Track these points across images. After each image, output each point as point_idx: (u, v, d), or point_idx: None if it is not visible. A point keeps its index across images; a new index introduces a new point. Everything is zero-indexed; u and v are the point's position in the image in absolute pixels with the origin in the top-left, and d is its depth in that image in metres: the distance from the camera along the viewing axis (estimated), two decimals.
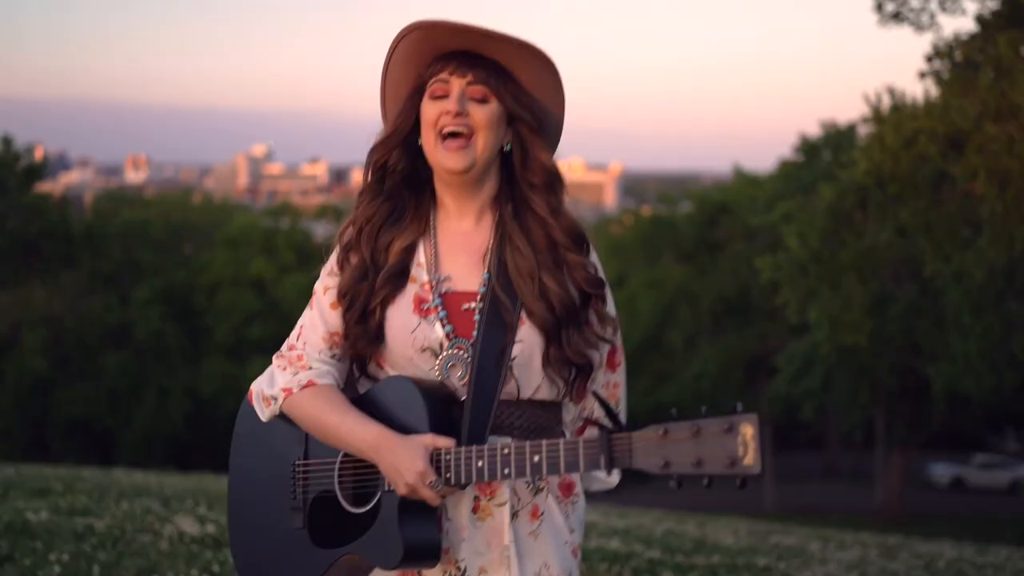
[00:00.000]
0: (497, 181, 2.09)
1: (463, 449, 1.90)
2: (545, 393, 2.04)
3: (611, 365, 2.13)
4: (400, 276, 2.04)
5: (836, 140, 27.52)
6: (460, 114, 2.01)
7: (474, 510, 1.99)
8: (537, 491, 2.04)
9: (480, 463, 1.88)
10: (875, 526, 20.78)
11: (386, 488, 1.96)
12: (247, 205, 58.80)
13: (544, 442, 1.83)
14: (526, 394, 2.02)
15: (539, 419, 2.04)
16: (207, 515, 6.28)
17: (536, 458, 1.83)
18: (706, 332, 29.28)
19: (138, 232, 32.94)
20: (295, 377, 2.07)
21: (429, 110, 2.04)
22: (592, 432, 2.08)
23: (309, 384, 2.06)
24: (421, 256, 2.06)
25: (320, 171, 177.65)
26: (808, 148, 28.61)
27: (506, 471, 1.86)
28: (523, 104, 2.05)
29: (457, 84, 2.03)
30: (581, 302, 2.04)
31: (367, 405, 2.03)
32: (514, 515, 2.00)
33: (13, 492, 6.64)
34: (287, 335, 2.18)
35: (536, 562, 2.01)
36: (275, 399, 2.09)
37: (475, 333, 2.00)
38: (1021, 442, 35.83)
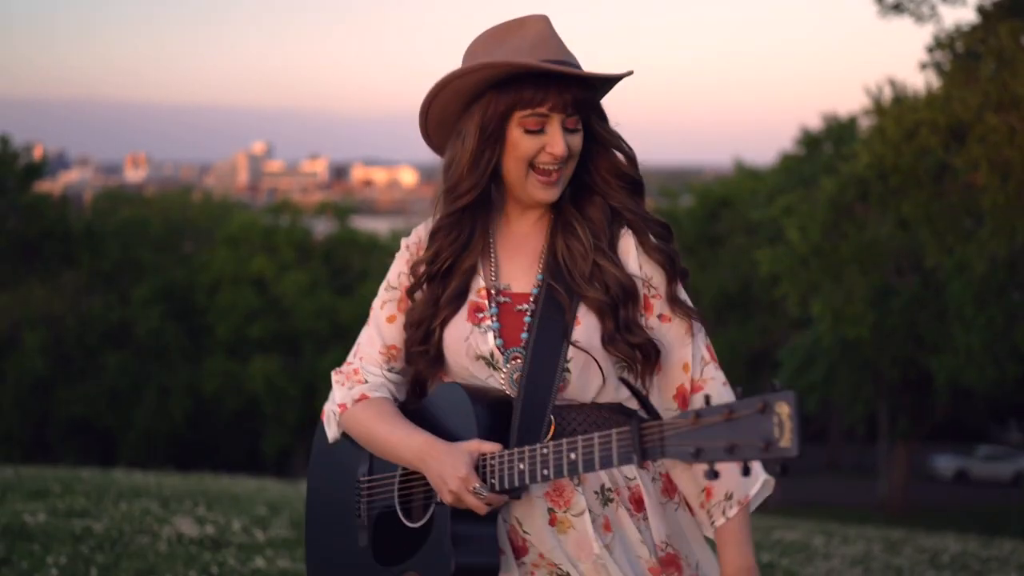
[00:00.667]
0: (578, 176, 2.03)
1: (506, 452, 1.84)
2: (610, 395, 1.96)
3: (689, 332, 2.02)
4: (460, 296, 1.99)
5: (837, 133, 27.46)
6: (566, 157, 1.94)
7: (551, 523, 1.91)
8: (607, 502, 1.94)
9: (521, 465, 1.81)
10: (879, 520, 20.75)
11: (438, 500, 1.90)
12: (247, 203, 58.78)
13: (580, 438, 1.76)
14: (588, 396, 1.95)
15: (603, 421, 1.94)
16: (206, 516, 6.23)
17: (573, 456, 1.76)
18: (708, 326, 29.20)
19: (137, 231, 32.93)
20: (350, 392, 2.06)
21: (526, 145, 1.93)
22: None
23: (362, 398, 2.03)
24: (479, 264, 2.02)
25: (320, 168, 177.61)
26: (809, 141, 28.55)
27: (545, 472, 1.79)
28: (599, 112, 2.00)
29: (556, 119, 1.93)
30: (667, 278, 2.00)
31: (421, 415, 1.99)
32: (595, 524, 1.92)
33: (11, 494, 6.59)
34: (288, 332, 2.13)
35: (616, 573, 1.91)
36: (334, 414, 2.08)
37: (524, 336, 1.94)
38: None
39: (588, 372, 1.94)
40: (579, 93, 1.93)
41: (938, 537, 10.20)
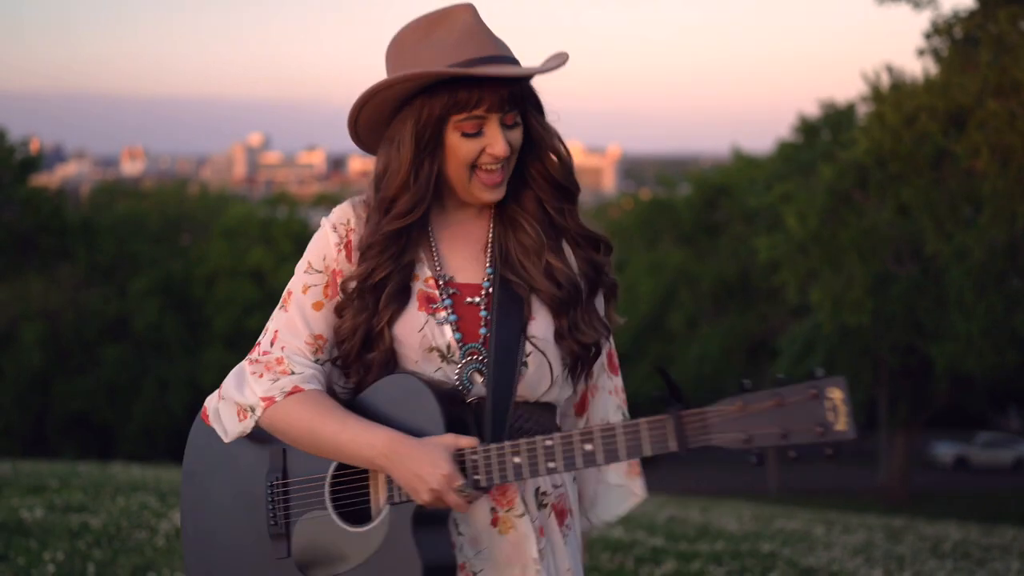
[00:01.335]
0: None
1: (495, 446, 1.74)
2: (554, 393, 1.92)
3: (612, 368, 2.03)
4: (402, 292, 1.87)
5: (835, 120, 27.41)
6: (508, 157, 1.86)
7: (493, 522, 1.85)
8: (541, 506, 1.91)
9: (517, 459, 1.72)
10: (879, 507, 20.77)
11: (396, 500, 1.78)
12: (244, 195, 58.71)
13: (597, 427, 1.69)
14: (536, 393, 1.89)
15: (546, 421, 1.91)
16: None
17: (588, 447, 1.69)
18: (707, 315, 29.24)
19: (134, 224, 32.88)
20: (276, 384, 1.85)
21: (465, 149, 1.85)
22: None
23: (295, 390, 1.84)
24: (420, 253, 1.91)
25: (317, 159, 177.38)
26: (807, 128, 28.49)
27: (551, 465, 1.71)
28: (537, 105, 1.91)
29: (494, 119, 1.85)
30: (588, 289, 1.93)
31: (366, 409, 1.83)
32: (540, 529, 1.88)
33: (8, 490, 6.57)
34: None
35: None
36: (252, 410, 1.85)
37: (483, 331, 1.87)
38: None
39: (542, 369, 1.89)
40: (515, 89, 1.86)
41: (939, 525, 10.20)
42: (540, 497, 1.90)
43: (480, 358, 1.86)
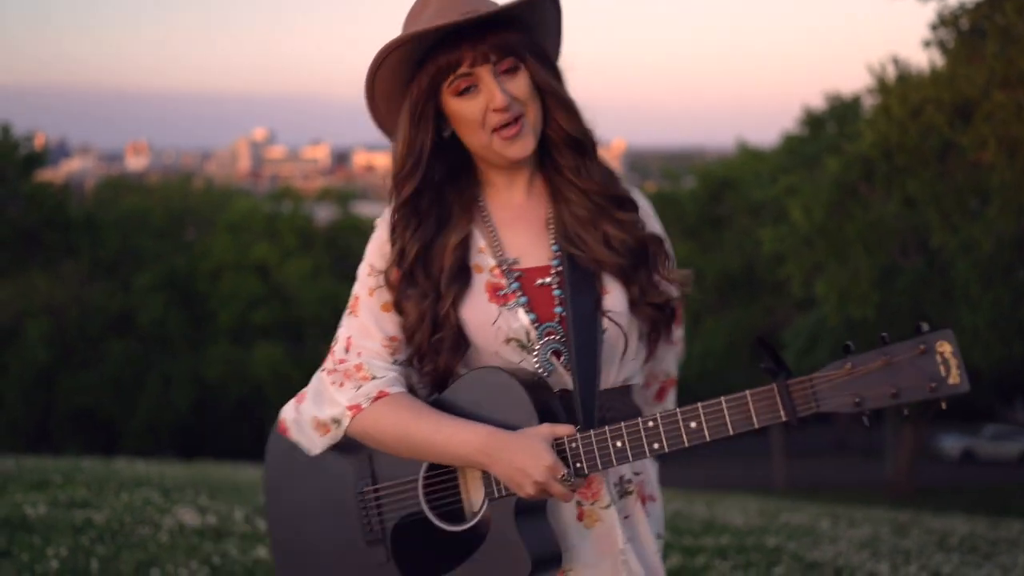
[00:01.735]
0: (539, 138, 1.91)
1: (594, 432, 1.71)
2: (628, 368, 1.89)
3: (677, 318, 1.98)
4: (461, 272, 1.84)
5: (841, 112, 27.33)
6: (509, 104, 1.80)
7: (579, 517, 1.82)
8: (624, 494, 1.89)
9: (619, 443, 1.69)
10: (886, 501, 20.73)
11: (496, 495, 1.75)
12: (249, 189, 58.70)
13: (701, 405, 1.67)
14: (616, 374, 1.87)
15: (631, 407, 1.90)
16: (208, 505, 6.19)
17: (693, 424, 1.66)
18: (712, 308, 29.19)
19: (138, 219, 32.88)
20: (360, 391, 1.82)
21: (467, 110, 1.82)
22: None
23: (381, 395, 1.81)
24: (480, 241, 1.87)
25: (322, 154, 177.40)
26: (812, 121, 28.42)
27: (655, 446, 1.68)
28: (540, 58, 1.85)
29: (485, 72, 1.80)
30: (645, 254, 1.89)
31: (450, 408, 1.80)
32: (626, 516, 1.86)
33: (12, 485, 6.55)
34: (291, 319, 1.98)
35: (639, 569, 1.86)
36: (338, 422, 1.83)
37: (558, 311, 1.83)
38: None
39: (617, 344, 1.86)
40: (499, 38, 1.80)
41: (946, 519, 10.16)
42: (624, 485, 1.88)
43: (558, 337, 1.82)
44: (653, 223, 1.95)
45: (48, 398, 28.94)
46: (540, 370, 1.82)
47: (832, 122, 27.55)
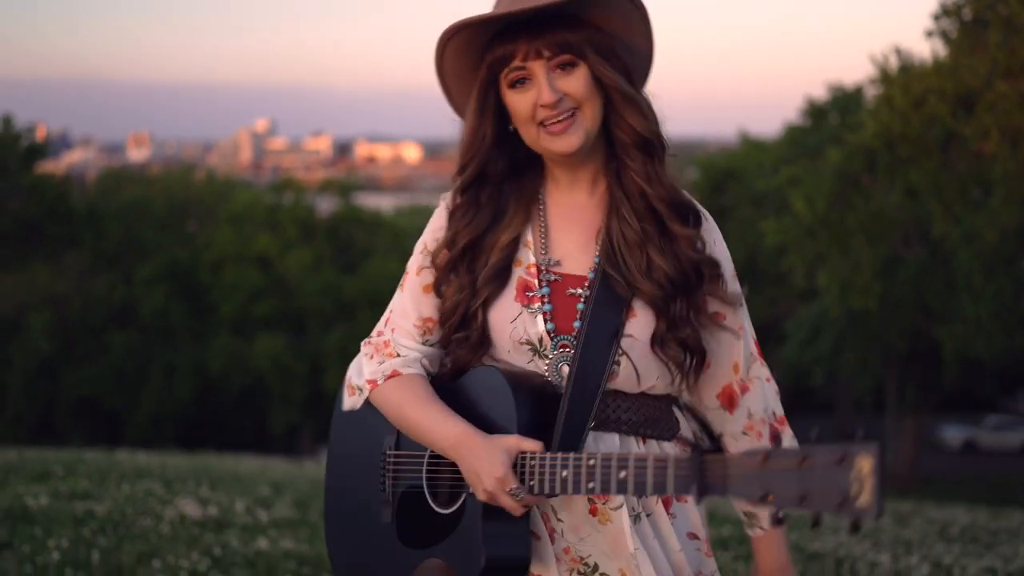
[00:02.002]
0: (606, 143, 1.88)
1: (549, 456, 1.72)
2: (661, 387, 1.86)
3: (742, 333, 1.94)
4: (505, 271, 1.85)
5: (843, 103, 27.26)
6: (558, 101, 1.79)
7: (591, 512, 1.82)
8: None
9: (564, 473, 1.70)
10: (887, 491, 20.70)
11: (471, 490, 1.79)
12: (250, 181, 58.65)
13: (632, 456, 1.65)
14: (639, 387, 1.84)
15: (651, 412, 1.86)
16: (209, 497, 6.19)
17: (623, 474, 1.66)
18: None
19: (140, 210, 32.87)
20: (380, 367, 1.91)
21: (518, 103, 1.82)
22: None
23: (394, 374, 1.89)
24: (528, 236, 1.88)
25: (323, 145, 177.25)
26: (814, 111, 28.35)
27: (591, 485, 1.69)
28: (605, 56, 1.82)
29: (538, 67, 1.80)
30: (695, 280, 1.84)
31: (457, 397, 1.86)
32: (636, 518, 1.83)
33: (14, 477, 6.57)
34: (292, 310, 2.00)
35: (663, 567, 1.84)
36: (360, 390, 1.94)
37: (576, 324, 1.82)
38: None
39: (639, 366, 1.83)
40: (557, 35, 1.79)
41: (947, 509, 10.16)
42: None
43: (570, 351, 1.82)
44: (714, 244, 1.90)
45: (51, 389, 28.98)
46: (549, 377, 1.83)
47: (834, 113, 27.49)
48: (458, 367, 1.88)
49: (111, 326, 29.82)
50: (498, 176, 1.88)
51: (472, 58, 1.86)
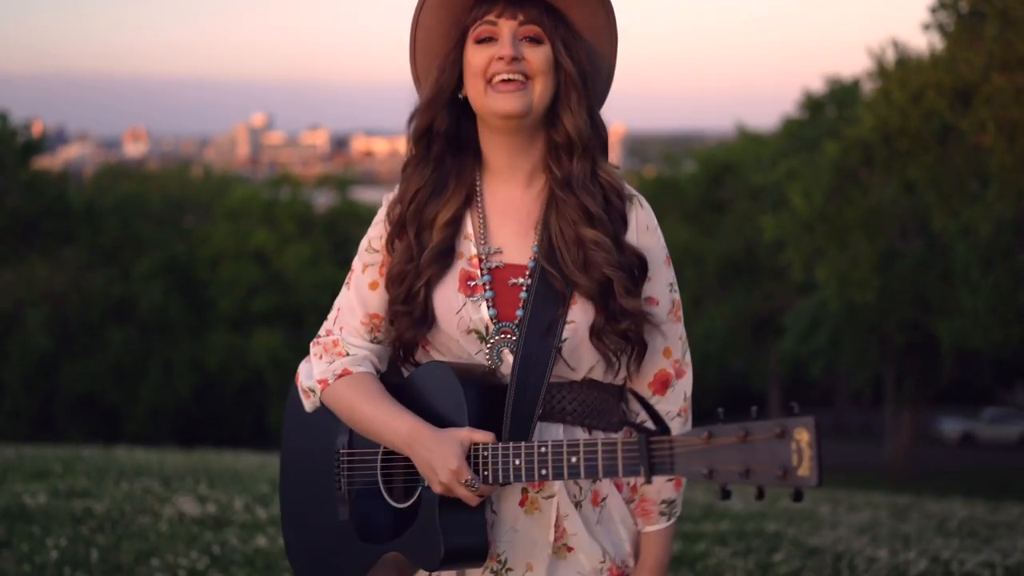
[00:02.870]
0: (547, 138, 1.91)
1: (501, 445, 1.76)
2: (600, 373, 1.89)
3: (676, 317, 1.96)
4: (447, 254, 1.89)
5: (840, 95, 27.27)
6: (516, 59, 1.83)
7: (521, 503, 1.86)
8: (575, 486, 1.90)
9: (517, 461, 1.74)
10: (885, 483, 20.77)
11: (425, 483, 1.83)
12: (247, 176, 58.58)
13: (582, 442, 1.69)
14: (580, 375, 1.88)
15: (595, 402, 1.90)
16: (208, 494, 6.19)
17: (574, 459, 1.70)
18: (712, 292, 29.18)
19: (137, 206, 32.82)
20: (330, 366, 1.94)
21: (476, 56, 1.85)
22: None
23: (344, 373, 1.93)
24: (468, 227, 1.91)
25: (321, 139, 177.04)
26: (812, 104, 28.35)
27: (543, 472, 1.73)
28: (571, 51, 1.87)
29: (507, 26, 1.85)
30: (637, 273, 1.88)
31: (407, 393, 1.89)
32: (577, 504, 1.87)
33: (12, 475, 6.56)
34: (290, 306, 2.02)
35: (597, 553, 1.88)
36: (313, 391, 1.96)
37: (519, 312, 1.86)
38: None
39: (580, 352, 1.87)
40: (535, 10, 1.85)
41: (945, 503, 10.17)
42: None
43: (512, 337, 1.85)
44: (646, 230, 1.94)
45: (50, 385, 28.96)
46: (489, 363, 1.86)
47: (832, 105, 27.49)
48: (401, 340, 1.91)
49: (109, 322, 29.79)
50: (445, 137, 1.90)
51: (448, 16, 1.89)
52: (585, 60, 1.89)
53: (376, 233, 1.96)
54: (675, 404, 1.95)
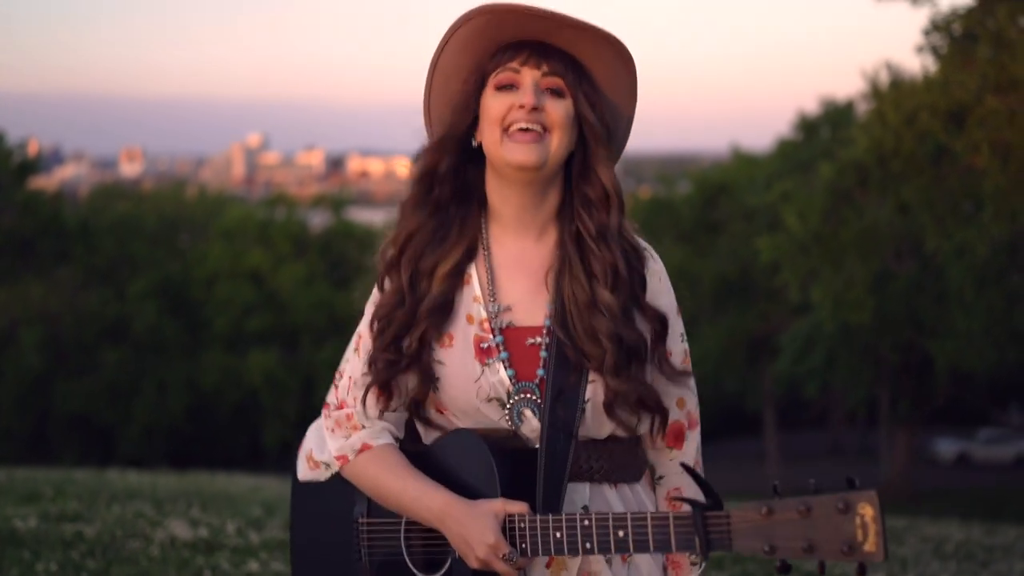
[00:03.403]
0: (561, 192, 1.86)
1: (540, 518, 1.71)
2: (623, 432, 1.85)
3: (687, 366, 1.94)
4: (446, 308, 1.83)
5: (835, 117, 27.39)
6: (536, 109, 1.79)
7: (548, 564, 1.81)
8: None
9: (558, 534, 1.70)
10: (881, 505, 20.69)
11: (456, 555, 1.78)
12: (243, 196, 58.62)
13: (630, 515, 1.66)
14: (603, 432, 1.83)
15: (620, 458, 1.86)
16: (200, 518, 6.15)
17: (621, 533, 1.66)
18: (707, 313, 29.18)
19: (132, 225, 32.82)
20: (348, 442, 1.88)
21: (495, 104, 1.81)
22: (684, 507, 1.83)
23: (364, 448, 1.87)
24: (476, 287, 1.84)
25: (316, 160, 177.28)
26: (806, 126, 28.46)
27: (587, 545, 1.68)
28: (594, 106, 1.84)
29: (530, 75, 1.81)
30: (652, 337, 1.84)
31: (431, 462, 1.83)
32: (608, 562, 1.82)
33: (2, 498, 6.52)
34: (285, 326, 1.96)
35: None
36: (328, 465, 1.91)
37: (540, 372, 1.80)
38: None
39: (601, 418, 1.82)
40: (560, 62, 1.82)
41: (942, 524, 10.14)
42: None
43: (534, 398, 1.80)
44: (659, 283, 1.90)
45: (43, 405, 28.86)
46: (509, 424, 1.81)
47: (826, 127, 27.61)
48: (379, 381, 1.83)
49: (103, 342, 29.73)
50: (450, 182, 1.85)
51: (469, 60, 1.85)
52: (607, 116, 1.86)
53: (377, 282, 1.91)
54: (690, 456, 1.93)
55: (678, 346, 1.91)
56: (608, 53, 1.83)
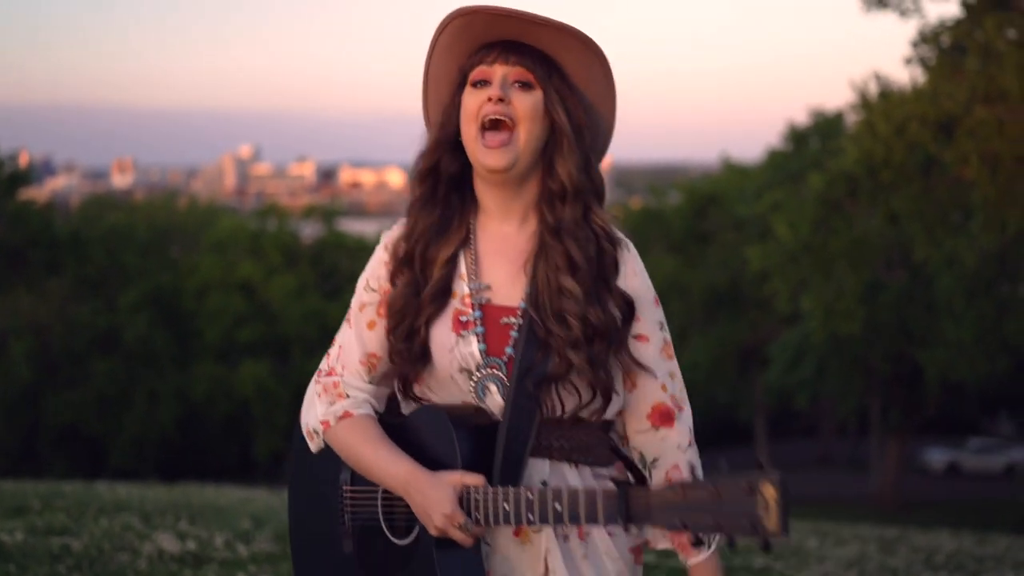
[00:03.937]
0: (540, 181, 1.96)
1: (491, 490, 1.83)
2: (586, 413, 1.93)
3: (668, 355, 2.01)
4: (444, 292, 1.94)
5: (824, 128, 27.48)
6: (502, 100, 1.88)
7: (515, 533, 1.91)
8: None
9: (507, 506, 1.82)
10: (871, 515, 20.74)
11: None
12: (234, 207, 58.55)
13: (565, 490, 1.77)
14: (565, 414, 1.91)
15: (583, 439, 1.94)
16: (188, 531, 6.11)
17: (558, 506, 1.78)
18: (697, 323, 29.22)
19: (123, 236, 32.73)
20: (331, 408, 2.01)
21: (470, 99, 1.91)
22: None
23: (345, 415, 1.99)
24: (462, 266, 1.96)
25: (307, 171, 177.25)
26: (796, 137, 28.55)
27: (530, 516, 1.80)
28: (564, 100, 1.92)
29: (501, 70, 1.91)
30: (620, 322, 1.92)
31: (403, 435, 1.95)
32: (564, 538, 1.91)
33: None
34: (276, 337, 2.03)
35: None
36: (317, 433, 2.04)
37: (509, 350, 1.90)
38: (1015, 425, 35.86)
39: (559, 396, 1.91)
40: (528, 57, 1.91)
41: (932, 535, 10.15)
42: None
43: (500, 374, 1.90)
44: (634, 275, 1.96)
45: (33, 416, 28.74)
46: (474, 397, 1.91)
47: (816, 137, 27.70)
48: (401, 377, 1.96)
49: (94, 352, 29.62)
50: (451, 177, 1.95)
51: (453, 62, 1.96)
52: (579, 111, 1.93)
53: (373, 273, 2.00)
54: (684, 436, 2.01)
55: (656, 334, 1.98)
56: (579, 49, 1.91)
